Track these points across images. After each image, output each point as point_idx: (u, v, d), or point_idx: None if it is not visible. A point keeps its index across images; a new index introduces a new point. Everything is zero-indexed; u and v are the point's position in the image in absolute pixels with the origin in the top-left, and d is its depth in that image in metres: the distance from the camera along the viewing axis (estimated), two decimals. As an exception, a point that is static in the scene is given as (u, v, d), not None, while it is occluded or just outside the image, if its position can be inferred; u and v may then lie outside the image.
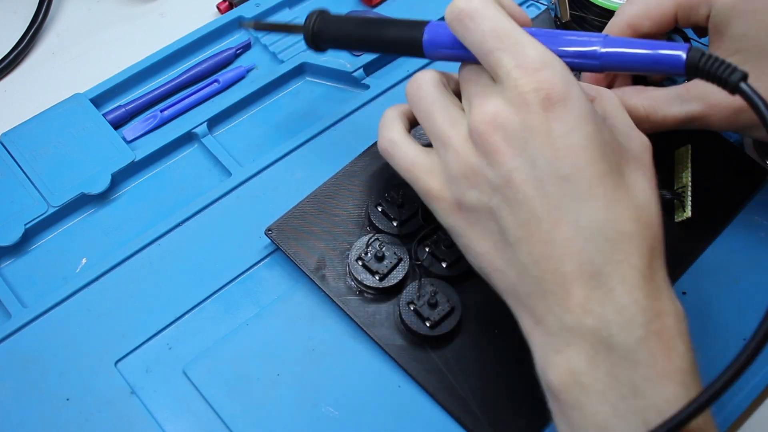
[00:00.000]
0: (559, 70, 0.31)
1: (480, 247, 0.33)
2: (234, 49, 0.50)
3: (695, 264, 0.43)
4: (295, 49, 0.50)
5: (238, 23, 0.48)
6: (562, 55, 0.33)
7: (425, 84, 0.35)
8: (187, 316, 0.40)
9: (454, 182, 0.33)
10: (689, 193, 0.43)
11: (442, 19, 0.34)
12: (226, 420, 0.37)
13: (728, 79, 0.30)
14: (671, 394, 0.29)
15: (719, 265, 0.43)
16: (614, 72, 0.33)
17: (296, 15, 0.52)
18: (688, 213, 0.42)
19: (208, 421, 0.37)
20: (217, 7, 0.53)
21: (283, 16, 0.52)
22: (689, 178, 0.43)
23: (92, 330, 0.39)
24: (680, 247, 0.43)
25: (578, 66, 0.33)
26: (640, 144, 0.34)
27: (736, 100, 0.36)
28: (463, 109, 0.34)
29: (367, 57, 0.49)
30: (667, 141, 0.45)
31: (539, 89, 0.30)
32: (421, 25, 0.36)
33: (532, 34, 0.33)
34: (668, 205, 0.44)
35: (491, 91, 0.32)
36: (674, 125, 0.41)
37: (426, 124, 0.35)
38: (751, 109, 0.29)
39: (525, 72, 0.30)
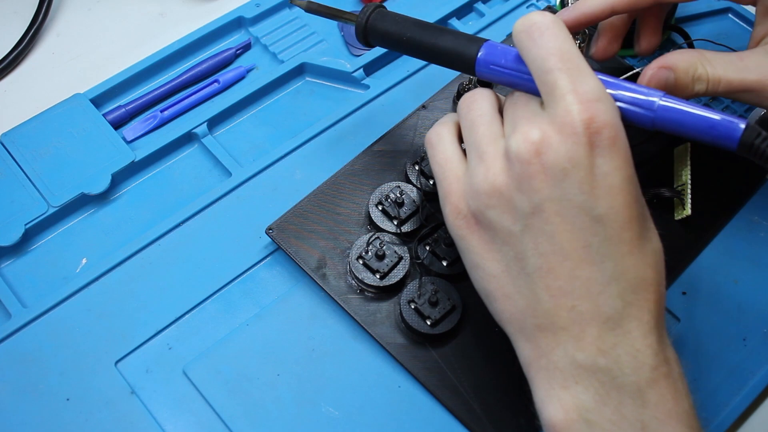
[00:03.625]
0: (612, 107, 0.30)
1: (491, 269, 0.33)
2: (234, 49, 0.50)
3: (695, 264, 0.43)
4: (295, 50, 0.50)
5: (289, 1, 0.44)
6: (617, 99, 0.32)
7: (480, 98, 0.35)
8: (187, 316, 0.40)
9: (475, 196, 0.32)
10: (689, 191, 0.43)
11: (502, 41, 0.34)
12: (226, 420, 0.37)
13: None
14: None
15: (719, 265, 0.43)
16: (664, 129, 0.32)
17: (296, 15, 0.52)
18: (688, 211, 0.42)
19: (208, 421, 0.37)
20: None
21: (284, 16, 0.52)
22: (689, 176, 0.43)
23: (92, 330, 0.39)
24: (680, 246, 0.43)
25: (630, 114, 0.32)
26: None
27: None
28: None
29: (367, 57, 0.49)
30: (667, 139, 0.46)
31: (591, 120, 0.29)
32: (478, 41, 0.36)
33: (597, 74, 0.32)
34: (668, 203, 0.44)
35: (540, 116, 0.31)
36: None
37: (467, 134, 0.34)
38: None
39: (580, 99, 0.29)
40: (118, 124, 0.47)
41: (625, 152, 0.30)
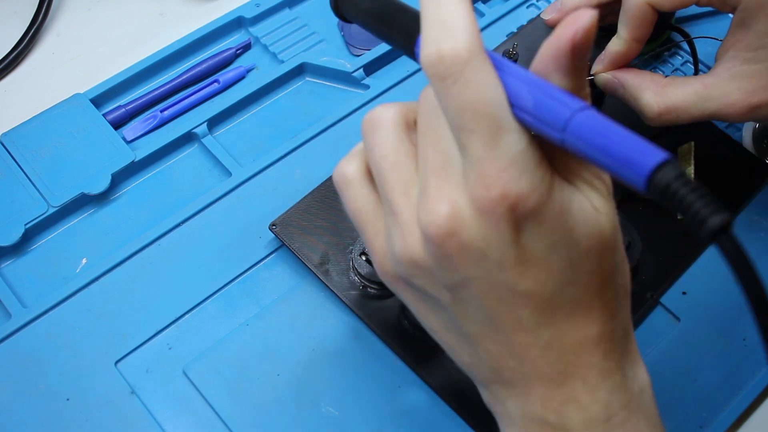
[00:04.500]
0: (526, 170, 0.25)
1: (431, 325, 0.30)
2: (234, 49, 0.50)
3: (695, 264, 0.43)
4: (295, 50, 0.50)
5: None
6: (524, 109, 0.25)
7: (381, 127, 0.29)
8: (187, 316, 0.40)
9: (397, 263, 0.29)
10: (692, 191, 0.43)
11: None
12: (226, 420, 0.37)
13: (704, 220, 0.22)
14: None
15: (719, 265, 0.43)
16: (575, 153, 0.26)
17: (296, 15, 0.52)
18: (690, 210, 0.42)
19: (208, 421, 0.37)
20: None
21: (284, 17, 0.52)
22: (692, 175, 0.43)
23: (92, 330, 0.39)
24: (682, 245, 0.43)
25: (538, 130, 0.26)
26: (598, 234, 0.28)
27: (755, 99, 0.36)
28: None
29: (367, 57, 0.49)
30: (671, 138, 0.46)
31: (503, 197, 0.25)
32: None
33: (508, 69, 0.26)
34: (670, 203, 0.43)
35: (451, 173, 0.26)
36: (687, 122, 0.39)
37: (376, 178, 0.29)
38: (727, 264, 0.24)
39: (491, 170, 0.25)
40: (118, 124, 0.47)
41: (549, 217, 0.26)
